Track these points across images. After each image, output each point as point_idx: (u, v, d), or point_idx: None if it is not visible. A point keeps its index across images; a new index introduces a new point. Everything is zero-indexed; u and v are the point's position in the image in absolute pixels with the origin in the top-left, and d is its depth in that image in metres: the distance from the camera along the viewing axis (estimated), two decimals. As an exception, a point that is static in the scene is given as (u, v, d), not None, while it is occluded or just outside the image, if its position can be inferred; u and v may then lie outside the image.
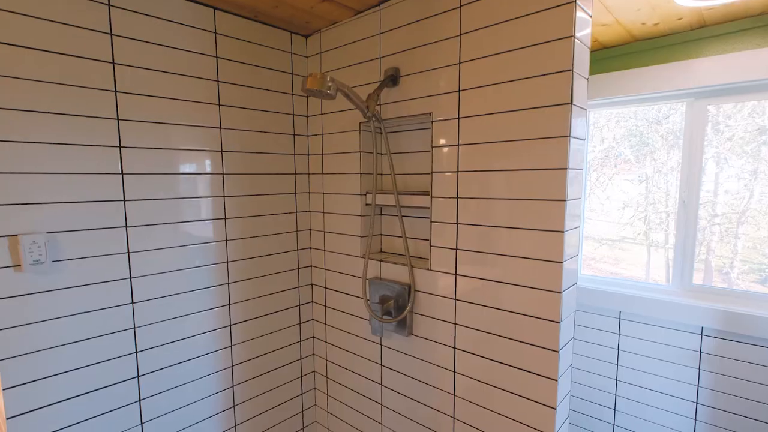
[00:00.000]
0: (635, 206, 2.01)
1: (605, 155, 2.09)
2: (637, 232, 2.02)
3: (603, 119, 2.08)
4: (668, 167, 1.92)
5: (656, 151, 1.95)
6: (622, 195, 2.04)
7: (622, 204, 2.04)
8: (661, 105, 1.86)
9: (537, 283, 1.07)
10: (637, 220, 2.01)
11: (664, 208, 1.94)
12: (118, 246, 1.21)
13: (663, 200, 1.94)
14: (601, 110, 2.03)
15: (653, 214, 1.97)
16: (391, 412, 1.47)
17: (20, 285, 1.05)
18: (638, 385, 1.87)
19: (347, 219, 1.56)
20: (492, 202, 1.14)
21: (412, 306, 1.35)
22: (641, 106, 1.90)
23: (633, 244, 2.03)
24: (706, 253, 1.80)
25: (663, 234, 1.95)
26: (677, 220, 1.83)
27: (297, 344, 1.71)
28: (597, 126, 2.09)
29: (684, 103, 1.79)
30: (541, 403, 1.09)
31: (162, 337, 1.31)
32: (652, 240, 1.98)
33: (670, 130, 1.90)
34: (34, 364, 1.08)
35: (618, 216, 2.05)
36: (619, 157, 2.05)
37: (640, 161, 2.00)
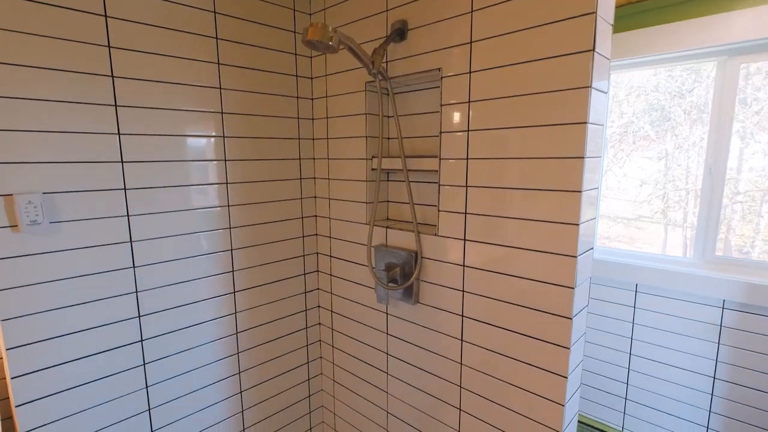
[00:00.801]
0: (653, 184, 1.92)
1: (624, 131, 1.99)
2: (655, 211, 1.94)
3: (623, 93, 1.97)
4: (690, 143, 1.82)
5: (678, 126, 1.84)
6: (640, 172, 1.95)
7: (640, 182, 1.95)
8: (691, 64, 1.74)
9: (551, 248, 1.01)
10: (654, 197, 1.93)
11: (683, 186, 1.85)
12: (117, 209, 1.18)
13: (683, 177, 1.85)
14: (627, 72, 1.91)
15: (672, 192, 1.88)
16: (397, 381, 1.45)
17: (19, 245, 1.03)
18: (652, 359, 1.82)
19: (352, 185, 1.50)
20: (504, 163, 1.07)
21: (418, 273, 1.30)
22: (670, 66, 1.78)
23: (649, 222, 1.95)
24: (726, 232, 1.71)
25: (681, 212, 1.86)
26: (702, 189, 1.73)
27: (302, 313, 1.70)
28: (616, 100, 1.98)
29: (715, 63, 1.66)
30: (553, 371, 1.04)
31: (165, 302, 1.29)
32: (669, 218, 1.90)
33: (694, 104, 1.78)
34: (36, 326, 1.07)
35: (635, 194, 1.97)
36: (638, 132, 1.95)
37: (661, 137, 1.90)
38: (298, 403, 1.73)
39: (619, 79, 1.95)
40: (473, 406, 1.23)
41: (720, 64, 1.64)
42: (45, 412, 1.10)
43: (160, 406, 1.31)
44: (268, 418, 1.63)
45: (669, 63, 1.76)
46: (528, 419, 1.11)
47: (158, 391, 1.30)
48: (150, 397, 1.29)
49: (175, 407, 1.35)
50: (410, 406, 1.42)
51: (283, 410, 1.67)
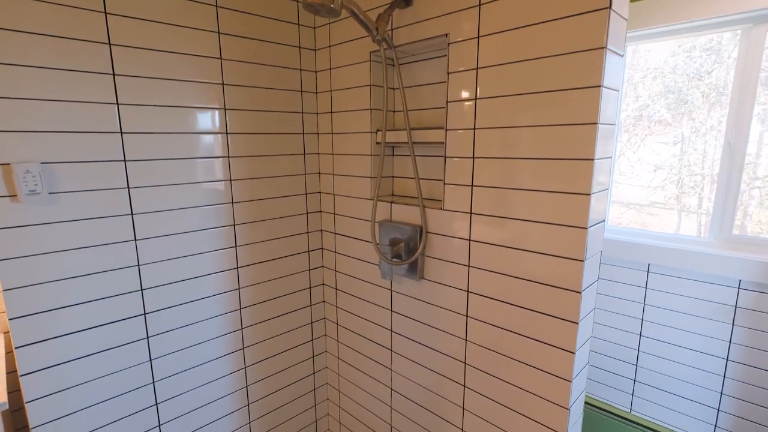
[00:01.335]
0: (668, 169, 1.86)
1: (638, 114, 1.92)
2: (668, 197, 1.88)
3: (638, 75, 1.89)
4: (707, 126, 1.75)
5: (695, 109, 1.77)
6: (655, 157, 1.89)
7: (654, 167, 1.89)
8: (713, 35, 1.65)
9: (560, 219, 0.97)
10: (669, 183, 1.87)
11: (699, 171, 1.78)
12: (117, 180, 1.16)
13: (699, 162, 1.78)
14: (644, 45, 1.83)
15: (687, 177, 1.82)
16: (401, 358, 1.44)
17: (18, 215, 1.02)
18: (663, 340, 1.78)
19: (357, 160, 1.47)
20: (514, 132, 1.03)
21: (423, 248, 1.27)
22: (692, 36, 1.69)
23: (663, 209, 1.90)
24: (743, 218, 1.65)
25: (696, 198, 1.80)
26: (720, 164, 1.67)
27: (306, 291, 1.68)
28: (631, 83, 1.91)
29: (739, 32, 1.58)
30: (560, 347, 1.01)
31: (167, 276, 1.28)
32: (683, 204, 1.84)
33: (713, 86, 1.71)
34: (38, 297, 1.07)
35: (648, 179, 1.91)
36: (653, 117, 1.89)
37: (677, 120, 1.83)
38: (303, 380, 1.73)
39: (635, 61, 1.88)
40: (478, 383, 1.21)
41: (744, 33, 1.55)
42: (49, 383, 1.10)
43: (163, 379, 1.31)
44: (273, 394, 1.63)
45: (689, 33, 1.68)
46: (534, 396, 1.08)
47: (162, 365, 1.31)
48: (154, 371, 1.29)
49: (179, 381, 1.35)
50: (414, 383, 1.41)
51: (287, 387, 1.68)
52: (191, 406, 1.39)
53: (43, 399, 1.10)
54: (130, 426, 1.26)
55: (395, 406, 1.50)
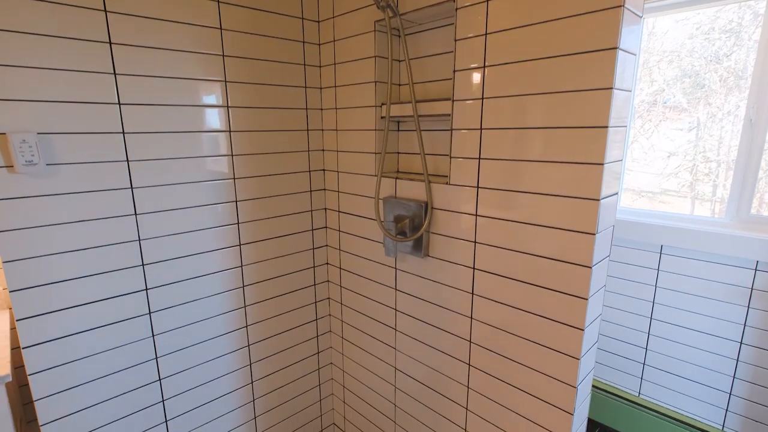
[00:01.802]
0: (682, 155, 1.80)
1: (653, 100, 1.86)
2: (682, 184, 1.83)
3: (654, 58, 1.82)
4: (724, 112, 1.68)
5: (712, 94, 1.71)
6: (669, 143, 1.83)
7: (667, 153, 1.83)
8: (733, 5, 1.57)
9: (572, 192, 0.93)
10: (683, 170, 1.81)
11: (714, 157, 1.72)
12: (116, 153, 1.14)
13: (715, 149, 1.72)
14: (664, 17, 1.75)
15: (702, 164, 1.76)
16: (406, 337, 1.42)
17: (15, 187, 1.01)
18: (674, 323, 1.74)
19: (361, 135, 1.43)
20: (526, 100, 0.98)
21: (428, 224, 1.24)
22: (716, 5, 1.61)
23: (675, 196, 1.84)
24: (758, 207, 1.59)
25: (711, 185, 1.74)
26: (740, 141, 1.60)
27: (310, 270, 1.66)
28: (646, 66, 1.84)
29: (765, 3, 1.50)
30: (568, 324, 0.98)
31: (169, 251, 1.27)
32: (697, 192, 1.79)
33: (731, 70, 1.64)
34: (37, 269, 1.06)
35: (662, 166, 1.85)
36: (667, 102, 1.82)
37: (693, 105, 1.77)
38: (307, 359, 1.72)
39: (651, 44, 1.81)
40: (483, 361, 1.19)
41: (769, 2, 1.47)
42: (51, 356, 1.10)
43: (166, 355, 1.31)
44: (277, 372, 1.63)
45: (710, 3, 1.60)
46: (540, 374, 1.06)
47: (164, 341, 1.30)
48: (156, 347, 1.29)
49: (182, 357, 1.35)
50: (418, 362, 1.39)
51: (291, 365, 1.67)
52: (195, 383, 1.39)
53: (46, 372, 1.10)
54: (134, 400, 1.26)
55: (399, 385, 1.49)
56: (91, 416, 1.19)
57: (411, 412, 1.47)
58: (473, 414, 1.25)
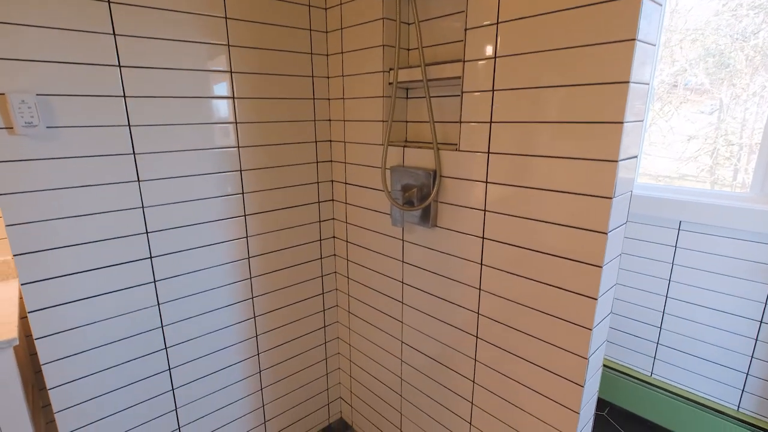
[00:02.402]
0: (702, 139, 1.72)
1: (674, 80, 1.77)
2: (701, 168, 1.75)
3: (677, 37, 1.74)
4: (749, 93, 1.60)
5: (737, 74, 1.62)
6: (689, 126, 1.75)
7: (687, 137, 1.76)
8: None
9: (589, 154, 0.88)
10: (703, 153, 1.74)
11: (737, 140, 1.64)
12: (117, 117, 1.12)
13: (737, 131, 1.64)
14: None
15: (723, 147, 1.68)
16: (412, 310, 1.40)
17: (16, 149, 0.99)
18: (691, 302, 1.69)
19: (368, 103, 1.38)
20: (541, 58, 0.93)
21: (437, 193, 1.20)
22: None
23: (694, 181, 1.77)
24: None
25: (731, 170, 1.67)
26: (765, 125, 1.52)
27: (317, 243, 1.64)
28: (668, 46, 1.76)
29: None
30: (581, 293, 0.94)
31: (173, 219, 1.25)
32: (717, 177, 1.71)
33: (758, 48, 1.54)
34: (41, 234, 1.05)
35: (681, 150, 1.78)
36: (689, 84, 1.74)
37: (716, 86, 1.68)
38: (313, 332, 1.72)
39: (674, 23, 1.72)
40: (491, 333, 1.16)
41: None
42: (55, 321, 1.10)
43: (172, 324, 1.31)
44: (282, 345, 1.62)
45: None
46: (551, 346, 1.02)
47: (169, 310, 1.29)
48: (162, 316, 1.28)
49: (188, 327, 1.34)
50: (425, 335, 1.37)
51: (297, 339, 1.67)
52: (201, 352, 1.39)
53: (52, 337, 1.10)
54: (140, 368, 1.27)
55: (406, 359, 1.47)
56: (98, 382, 1.19)
57: (418, 385, 1.45)
58: (480, 387, 1.23)
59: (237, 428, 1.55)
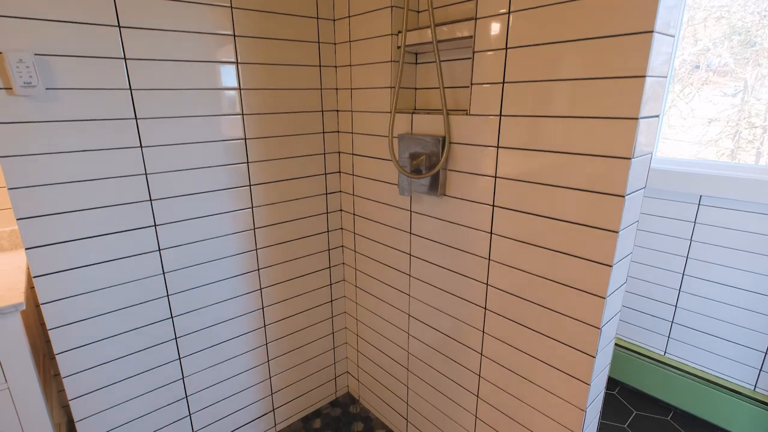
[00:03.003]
0: (724, 121, 1.64)
1: (696, 59, 1.69)
2: (721, 153, 1.67)
3: (701, 15, 1.64)
4: None
5: (764, 53, 1.54)
6: (711, 108, 1.67)
7: (708, 120, 1.67)
8: None
9: (608, 112, 0.83)
10: (724, 136, 1.66)
11: (761, 123, 1.56)
12: (118, 80, 1.09)
13: (762, 113, 1.56)
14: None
15: (746, 130, 1.60)
16: (420, 283, 1.37)
17: (16, 110, 0.97)
18: (709, 279, 1.63)
19: (376, 69, 1.33)
20: (558, 11, 0.87)
21: (446, 160, 1.16)
22: None
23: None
24: None
25: (754, 154, 1.59)
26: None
27: (323, 215, 1.62)
28: (691, 24, 1.66)
29: None
30: (595, 261, 0.90)
31: (178, 188, 1.23)
32: (738, 161, 1.63)
33: None
34: (43, 198, 1.04)
35: (701, 133, 1.70)
36: (711, 66, 1.65)
37: (741, 66, 1.59)
38: (320, 306, 1.71)
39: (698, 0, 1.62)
40: (500, 305, 1.13)
41: None
42: (60, 286, 1.10)
43: (178, 293, 1.30)
44: (289, 318, 1.62)
45: None
46: (562, 316, 0.99)
47: (175, 279, 1.29)
48: (167, 284, 1.28)
49: (194, 296, 1.34)
50: (433, 308, 1.35)
51: (304, 312, 1.66)
52: (207, 322, 1.39)
53: (58, 302, 1.10)
54: (146, 336, 1.27)
55: (413, 332, 1.46)
56: (105, 348, 1.20)
57: (425, 359, 1.43)
58: (489, 360, 1.20)
59: (244, 399, 1.55)
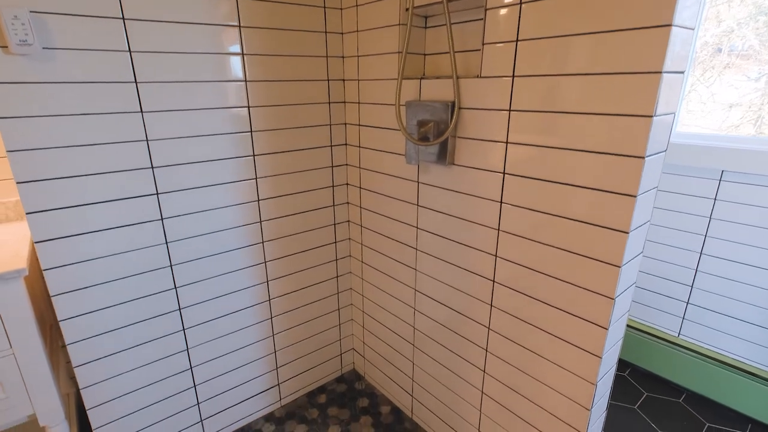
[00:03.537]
0: (746, 106, 1.55)
1: (718, 41, 1.60)
2: None
3: None
4: None
5: None
6: (732, 92, 1.59)
7: (729, 105, 1.59)
8: None
9: (627, 66, 0.78)
10: (745, 122, 1.57)
11: None
12: (117, 42, 1.06)
13: None
14: None
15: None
16: (427, 256, 1.34)
17: (12, 69, 0.95)
18: (728, 258, 1.57)
19: (384, 34, 1.28)
20: (574, -43, 0.81)
21: (455, 126, 1.11)
22: None
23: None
24: None
25: None
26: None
27: (329, 189, 1.58)
28: (714, 4, 1.57)
29: None
30: (611, 227, 0.86)
31: (179, 156, 1.21)
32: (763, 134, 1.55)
33: None
34: (43, 162, 1.02)
35: (721, 118, 1.62)
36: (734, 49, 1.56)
37: (767, 48, 1.50)
38: (325, 282, 1.69)
39: None
40: (510, 277, 1.09)
41: None
42: (62, 253, 1.09)
43: (181, 264, 1.29)
44: (294, 292, 1.60)
45: None
46: (574, 286, 0.95)
47: (179, 248, 1.27)
48: (171, 254, 1.26)
49: (197, 268, 1.32)
50: (439, 282, 1.31)
51: (309, 287, 1.64)
52: (211, 294, 1.37)
53: (60, 269, 1.09)
54: (150, 306, 1.26)
55: (419, 307, 1.43)
56: (108, 316, 1.19)
57: (432, 335, 1.41)
58: (496, 334, 1.17)
59: (249, 372, 1.55)
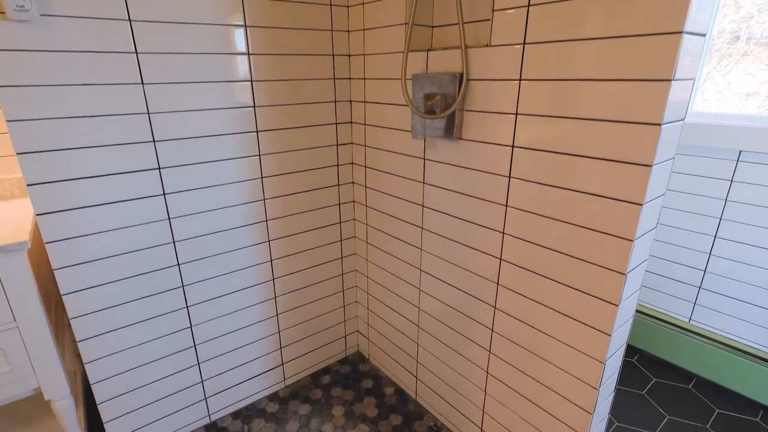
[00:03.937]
0: (764, 96, 1.49)
1: (737, 28, 1.53)
2: None
3: None
4: None
5: None
6: (750, 80, 1.52)
7: (746, 94, 1.53)
8: None
9: (644, 28, 0.73)
10: (763, 111, 1.51)
11: None
12: (117, 10, 1.03)
13: None
14: None
15: None
16: (433, 236, 1.31)
17: (9, 36, 0.92)
18: (744, 242, 1.53)
19: (390, 4, 1.24)
20: None
21: (463, 99, 1.08)
22: None
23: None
24: None
25: None
26: None
27: (334, 168, 1.56)
28: None
29: None
30: (624, 200, 0.82)
31: (181, 130, 1.19)
32: None
33: None
34: (44, 132, 1.00)
35: (737, 107, 1.56)
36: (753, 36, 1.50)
37: None
38: (330, 263, 1.67)
39: None
40: (517, 255, 1.06)
41: None
42: (64, 226, 1.08)
43: (184, 240, 1.27)
44: (298, 272, 1.59)
45: None
46: (584, 262, 0.92)
47: (181, 225, 1.26)
48: (173, 230, 1.25)
49: (201, 244, 1.31)
50: (444, 261, 1.29)
51: (313, 267, 1.62)
52: (214, 272, 1.36)
53: (62, 242, 1.08)
54: (154, 282, 1.25)
55: (424, 288, 1.41)
56: (111, 292, 1.18)
57: (437, 316, 1.39)
58: (502, 313, 1.15)
59: (253, 351, 1.55)
